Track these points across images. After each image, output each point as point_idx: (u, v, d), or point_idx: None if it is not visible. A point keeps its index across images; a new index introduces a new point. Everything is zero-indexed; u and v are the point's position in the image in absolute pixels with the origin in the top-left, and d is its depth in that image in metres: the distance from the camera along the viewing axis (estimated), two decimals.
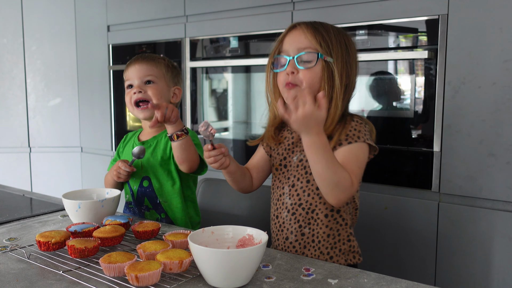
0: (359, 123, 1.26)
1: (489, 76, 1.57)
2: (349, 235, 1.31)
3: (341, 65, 1.23)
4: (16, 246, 1.24)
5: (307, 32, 1.24)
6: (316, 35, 1.23)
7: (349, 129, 1.24)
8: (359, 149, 1.23)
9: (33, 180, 3.12)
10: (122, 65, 2.77)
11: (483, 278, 1.63)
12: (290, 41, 1.27)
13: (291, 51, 1.26)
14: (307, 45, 1.24)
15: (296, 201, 1.30)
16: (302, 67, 1.24)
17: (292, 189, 1.31)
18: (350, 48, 1.27)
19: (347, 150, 1.22)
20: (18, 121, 3.08)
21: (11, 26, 3.02)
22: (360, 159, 1.23)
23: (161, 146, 1.57)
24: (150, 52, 1.65)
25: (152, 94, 1.55)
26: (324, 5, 1.93)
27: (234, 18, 2.25)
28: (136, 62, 1.58)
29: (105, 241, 1.19)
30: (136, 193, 1.59)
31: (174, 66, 1.65)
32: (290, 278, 1.04)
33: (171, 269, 1.02)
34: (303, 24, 1.27)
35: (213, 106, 2.46)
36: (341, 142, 1.23)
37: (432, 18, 1.67)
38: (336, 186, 1.14)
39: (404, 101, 1.81)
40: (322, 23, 1.28)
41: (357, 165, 1.21)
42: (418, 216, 1.74)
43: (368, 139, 1.25)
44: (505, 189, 1.56)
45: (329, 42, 1.23)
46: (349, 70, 1.26)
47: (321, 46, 1.23)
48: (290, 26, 1.29)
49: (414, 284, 1.00)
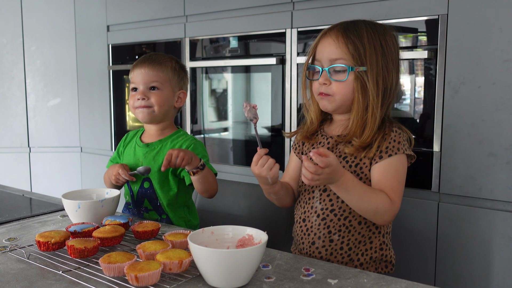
0: (398, 133, 1.24)
1: (489, 76, 1.57)
2: (382, 244, 1.28)
3: (375, 71, 1.20)
4: (15, 246, 1.24)
5: (338, 41, 1.22)
6: (348, 44, 1.20)
7: (388, 141, 1.22)
8: (399, 162, 1.22)
9: (32, 180, 3.12)
10: (121, 65, 2.78)
11: (483, 278, 1.63)
12: (322, 51, 1.25)
13: (323, 61, 1.25)
14: (339, 56, 1.22)
15: (328, 206, 1.26)
16: (334, 79, 1.23)
17: (324, 194, 1.27)
18: (388, 49, 1.23)
19: (387, 165, 1.21)
20: (17, 121, 3.08)
21: (10, 26, 3.02)
22: (400, 172, 1.22)
23: (164, 151, 1.55)
24: (151, 52, 1.63)
25: (155, 101, 1.53)
26: (324, 5, 1.93)
27: (234, 18, 2.25)
28: (143, 66, 1.55)
29: (105, 241, 1.19)
30: (136, 194, 1.58)
31: (181, 68, 1.62)
32: (290, 278, 1.03)
33: (170, 269, 1.02)
34: (334, 32, 1.24)
35: (212, 106, 2.46)
36: (382, 155, 1.21)
37: (432, 18, 1.67)
38: (376, 213, 1.17)
39: (404, 101, 1.81)
40: (356, 24, 1.24)
41: (397, 180, 1.21)
42: (418, 216, 1.74)
43: (407, 149, 1.24)
44: (505, 189, 1.56)
45: (362, 50, 1.20)
46: (386, 74, 1.22)
47: (353, 57, 1.20)
48: (322, 33, 1.27)
49: (414, 284, 1.00)
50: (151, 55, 1.59)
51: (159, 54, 1.61)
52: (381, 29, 1.24)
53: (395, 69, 1.25)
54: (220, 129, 2.45)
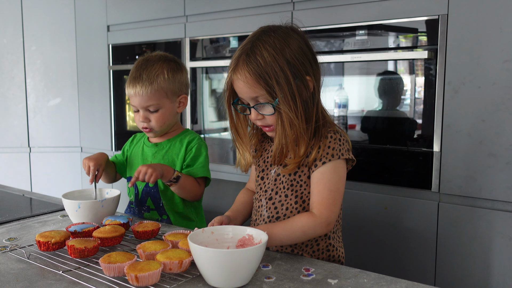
0: (334, 138, 1.21)
1: (489, 76, 1.57)
2: (329, 246, 1.28)
3: (289, 94, 1.15)
4: (16, 246, 1.24)
5: (248, 83, 1.17)
6: (259, 81, 1.15)
7: (323, 148, 1.21)
8: (332, 170, 1.21)
9: (33, 180, 3.12)
10: (122, 65, 2.78)
11: (483, 278, 1.63)
12: (240, 91, 1.21)
13: (246, 99, 1.21)
14: (256, 94, 1.18)
15: (274, 214, 1.28)
16: (263, 113, 1.20)
17: (269, 202, 1.29)
18: (296, 58, 1.17)
19: (319, 175, 1.21)
20: (18, 121, 3.08)
21: (11, 26, 3.02)
22: (333, 181, 1.20)
23: (173, 150, 1.58)
24: (151, 52, 1.61)
25: (155, 124, 1.54)
26: (324, 5, 1.93)
27: (234, 18, 2.25)
28: (135, 86, 1.51)
29: (105, 241, 1.19)
30: (141, 192, 1.58)
31: (175, 71, 1.55)
32: (290, 278, 1.04)
33: (171, 269, 1.02)
34: (239, 71, 1.18)
35: (213, 106, 2.46)
36: (317, 163, 1.21)
37: (432, 18, 1.67)
38: (305, 234, 1.19)
39: (404, 101, 1.81)
40: (255, 50, 1.17)
41: (329, 189, 1.19)
42: (418, 216, 1.74)
43: (343, 154, 1.21)
44: (505, 189, 1.56)
45: (272, 80, 1.14)
46: (302, 88, 1.18)
47: (267, 91, 1.16)
48: (230, 71, 1.21)
49: (414, 284, 1.00)
50: (141, 72, 1.52)
51: (149, 65, 1.54)
52: (281, 38, 1.18)
53: (311, 70, 1.20)
54: (220, 129, 2.45)
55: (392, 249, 1.81)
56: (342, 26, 1.88)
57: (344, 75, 1.95)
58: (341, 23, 1.87)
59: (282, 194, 1.27)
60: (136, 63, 1.57)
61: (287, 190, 1.26)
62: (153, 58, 1.56)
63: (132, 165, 1.65)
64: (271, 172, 1.31)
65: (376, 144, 1.85)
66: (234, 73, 1.20)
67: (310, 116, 1.21)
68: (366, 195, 1.85)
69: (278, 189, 1.28)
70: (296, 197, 1.25)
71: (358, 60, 1.84)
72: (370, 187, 1.85)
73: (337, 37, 1.91)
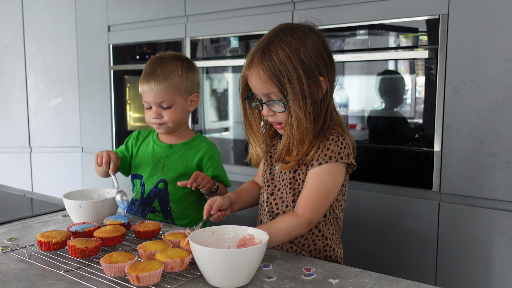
0: (335, 141, 1.21)
1: (489, 76, 1.57)
2: (325, 246, 1.29)
3: (300, 94, 1.16)
4: (17, 246, 1.24)
5: (261, 79, 1.18)
6: (272, 78, 1.16)
7: (322, 149, 1.21)
8: (328, 173, 1.20)
9: (33, 180, 3.13)
10: (122, 65, 2.78)
11: (484, 278, 1.63)
12: (253, 86, 1.23)
13: (259, 95, 1.23)
14: (269, 91, 1.19)
15: (274, 209, 1.30)
16: (274, 110, 1.22)
17: (271, 197, 1.31)
18: (311, 59, 1.17)
19: (314, 175, 1.21)
20: (18, 121, 3.08)
21: (11, 26, 3.02)
22: (326, 183, 1.20)
23: (189, 156, 1.58)
24: (156, 57, 1.60)
25: (168, 119, 1.54)
26: (324, 5, 1.93)
27: (234, 18, 2.25)
28: (150, 82, 1.52)
29: (106, 241, 1.19)
30: (148, 193, 1.58)
31: (188, 70, 1.57)
32: (291, 278, 1.04)
33: (172, 268, 1.02)
34: (254, 67, 1.19)
35: (213, 106, 2.46)
36: (313, 163, 1.21)
37: (433, 17, 1.67)
38: (289, 234, 1.19)
39: (404, 101, 1.81)
40: (271, 48, 1.17)
41: (318, 190, 1.19)
42: (418, 216, 1.74)
43: (342, 157, 1.21)
44: (505, 189, 1.56)
45: (285, 79, 1.15)
46: (313, 89, 1.18)
47: (279, 89, 1.17)
48: (245, 66, 1.23)
49: (415, 284, 1.00)
50: (156, 69, 1.53)
51: (163, 62, 1.55)
52: (298, 37, 1.18)
53: (325, 70, 1.20)
54: (221, 129, 2.45)
55: (393, 249, 1.81)
56: (343, 26, 1.88)
57: (344, 75, 1.95)
58: (342, 23, 1.87)
59: (283, 191, 1.29)
60: (150, 60, 1.58)
61: (287, 188, 1.27)
62: (167, 56, 1.59)
63: (142, 164, 1.62)
64: (275, 169, 1.33)
65: (376, 144, 1.85)
66: (248, 68, 1.22)
67: (319, 117, 1.21)
68: (366, 194, 1.86)
69: (280, 186, 1.30)
70: (294, 195, 1.26)
71: (359, 59, 1.84)
72: (371, 187, 1.85)
73: (337, 37, 1.91)
